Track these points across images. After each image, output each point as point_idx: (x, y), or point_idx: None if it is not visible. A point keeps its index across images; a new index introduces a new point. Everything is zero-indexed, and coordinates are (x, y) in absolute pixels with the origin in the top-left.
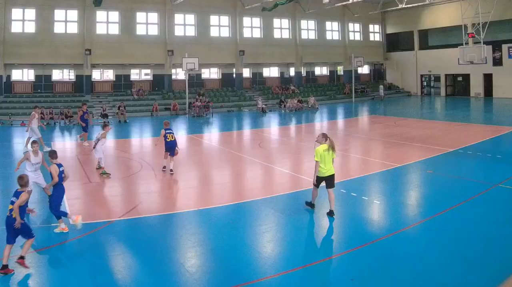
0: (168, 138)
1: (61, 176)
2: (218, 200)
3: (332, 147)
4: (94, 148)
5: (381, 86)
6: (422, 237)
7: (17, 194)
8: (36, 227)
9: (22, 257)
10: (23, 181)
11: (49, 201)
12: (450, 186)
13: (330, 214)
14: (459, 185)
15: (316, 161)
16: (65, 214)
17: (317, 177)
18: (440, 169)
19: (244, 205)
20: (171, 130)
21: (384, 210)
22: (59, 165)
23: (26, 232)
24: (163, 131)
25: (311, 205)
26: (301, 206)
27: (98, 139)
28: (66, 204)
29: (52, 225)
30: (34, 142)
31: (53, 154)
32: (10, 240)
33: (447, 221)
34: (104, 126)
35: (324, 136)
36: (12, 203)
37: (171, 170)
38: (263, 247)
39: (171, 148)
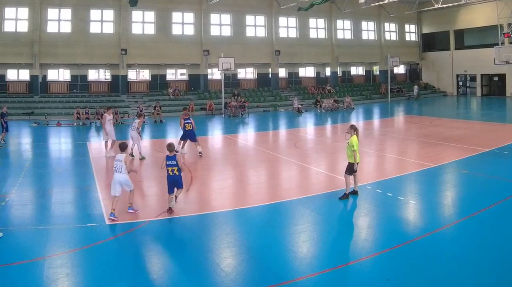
0: (187, 127)
1: None
2: (254, 199)
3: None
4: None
5: (416, 86)
6: (458, 237)
7: (172, 158)
8: (71, 227)
9: (171, 207)
10: (171, 147)
11: None
12: (486, 186)
13: (355, 193)
14: (495, 185)
15: (355, 150)
16: None
17: (355, 163)
18: (476, 169)
19: (280, 205)
20: (190, 120)
21: (419, 210)
22: None
23: (180, 183)
24: (182, 121)
25: (346, 195)
26: (337, 206)
27: (138, 128)
28: (102, 204)
29: (88, 225)
30: None
31: None
32: (171, 191)
33: (483, 221)
34: (139, 116)
35: (353, 127)
36: (171, 165)
37: (200, 153)
38: (299, 247)
39: (189, 135)
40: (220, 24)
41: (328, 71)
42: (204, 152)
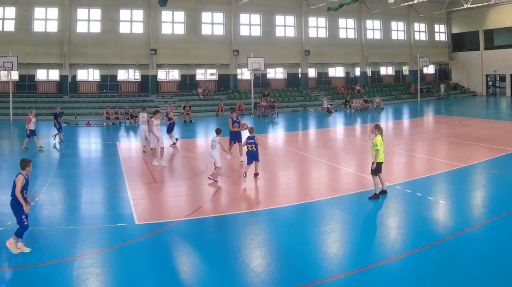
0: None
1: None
2: (284, 199)
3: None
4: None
5: (442, 85)
6: (487, 237)
7: (252, 138)
8: (101, 227)
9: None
10: (253, 130)
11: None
12: None
13: (384, 193)
14: None
15: (378, 150)
16: None
17: (379, 163)
18: (506, 169)
19: (309, 205)
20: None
21: (449, 210)
22: None
23: (258, 156)
24: (171, 114)
25: (376, 195)
26: (367, 206)
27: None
28: (132, 204)
29: (117, 225)
30: None
31: None
32: (249, 163)
33: None
34: (142, 110)
35: (377, 127)
36: (251, 143)
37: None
38: (329, 247)
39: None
40: (250, 24)
41: (357, 71)
42: (234, 152)
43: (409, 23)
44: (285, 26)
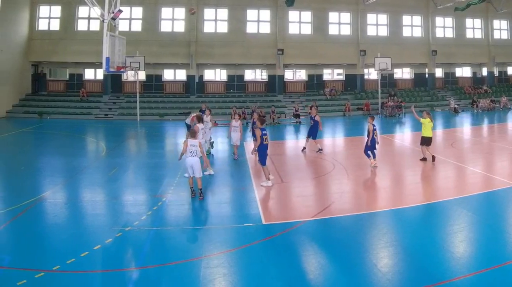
0: None
1: None
2: (410, 199)
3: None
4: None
5: None
6: None
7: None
8: (228, 227)
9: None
10: (373, 119)
11: None
12: None
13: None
14: None
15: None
16: None
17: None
18: None
19: (436, 205)
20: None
21: None
22: None
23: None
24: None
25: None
26: (494, 206)
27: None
28: (259, 204)
29: (244, 225)
30: None
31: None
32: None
33: None
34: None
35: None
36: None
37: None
38: (456, 247)
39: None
40: (377, 24)
41: (484, 71)
42: (358, 153)
43: None
44: (412, 26)
